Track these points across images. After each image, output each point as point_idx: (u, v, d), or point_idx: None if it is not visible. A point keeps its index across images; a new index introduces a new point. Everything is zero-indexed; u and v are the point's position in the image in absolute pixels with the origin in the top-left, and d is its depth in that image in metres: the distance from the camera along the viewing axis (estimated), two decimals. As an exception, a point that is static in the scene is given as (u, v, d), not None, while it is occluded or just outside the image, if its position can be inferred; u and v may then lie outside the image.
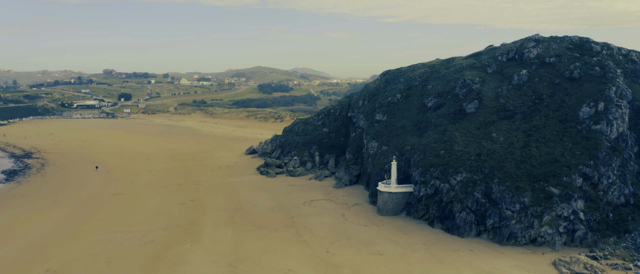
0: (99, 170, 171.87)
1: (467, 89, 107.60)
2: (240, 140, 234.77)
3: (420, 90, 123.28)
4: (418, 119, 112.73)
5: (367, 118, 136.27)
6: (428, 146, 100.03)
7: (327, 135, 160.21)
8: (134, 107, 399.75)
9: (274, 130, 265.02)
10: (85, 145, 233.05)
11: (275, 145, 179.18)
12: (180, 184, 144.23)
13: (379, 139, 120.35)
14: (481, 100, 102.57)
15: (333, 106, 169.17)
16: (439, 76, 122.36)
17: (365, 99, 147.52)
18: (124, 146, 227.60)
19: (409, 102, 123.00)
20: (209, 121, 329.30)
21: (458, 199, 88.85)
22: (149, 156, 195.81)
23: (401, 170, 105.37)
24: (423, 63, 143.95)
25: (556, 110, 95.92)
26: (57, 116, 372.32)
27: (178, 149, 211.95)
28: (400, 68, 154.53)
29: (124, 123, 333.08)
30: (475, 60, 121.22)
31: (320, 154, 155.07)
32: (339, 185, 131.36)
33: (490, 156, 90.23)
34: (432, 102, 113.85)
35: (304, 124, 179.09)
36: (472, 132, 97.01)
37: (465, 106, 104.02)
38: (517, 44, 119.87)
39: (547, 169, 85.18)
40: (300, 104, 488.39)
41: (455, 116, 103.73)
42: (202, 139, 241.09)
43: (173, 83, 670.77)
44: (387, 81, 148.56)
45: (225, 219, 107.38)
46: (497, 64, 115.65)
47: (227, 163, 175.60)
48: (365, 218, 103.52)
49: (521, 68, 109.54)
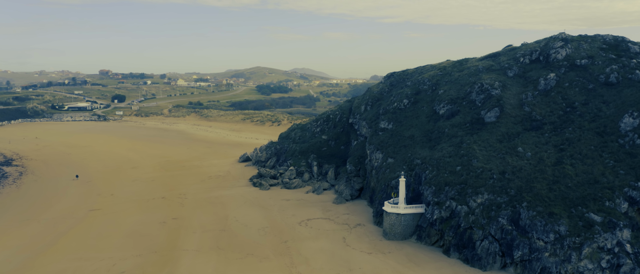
0: (80, 180, 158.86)
1: (486, 94, 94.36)
2: (234, 146, 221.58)
3: (430, 95, 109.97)
4: (429, 128, 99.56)
5: (371, 125, 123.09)
6: (442, 160, 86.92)
7: (326, 143, 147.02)
8: (127, 109, 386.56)
9: (270, 134, 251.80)
10: (71, 151, 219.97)
11: (270, 153, 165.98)
12: (165, 197, 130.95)
13: (384, 150, 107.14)
14: (502, 108, 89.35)
15: (332, 111, 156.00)
16: (451, 79, 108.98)
17: (368, 104, 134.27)
18: (111, 151, 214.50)
19: (417, 108, 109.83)
20: (204, 124, 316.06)
21: (479, 224, 75.69)
22: (135, 164, 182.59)
23: (410, 187, 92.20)
24: (432, 65, 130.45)
25: (592, 120, 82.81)
26: (47, 118, 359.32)
27: (168, 155, 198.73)
28: (407, 70, 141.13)
29: (115, 126, 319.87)
30: (492, 62, 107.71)
31: (318, 163, 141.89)
32: (339, 200, 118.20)
33: (517, 175, 77.09)
34: (444, 109, 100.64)
35: (301, 130, 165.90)
36: (494, 145, 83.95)
37: (484, 115, 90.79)
38: (541, 43, 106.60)
39: (586, 191, 72.03)
40: (299, 105, 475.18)
41: (472, 125, 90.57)
42: (195, 145, 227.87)
43: (170, 84, 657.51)
44: (392, 85, 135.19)
45: (209, 243, 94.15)
46: (519, 67, 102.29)
47: (218, 172, 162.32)
48: (370, 242, 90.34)
49: (548, 71, 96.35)
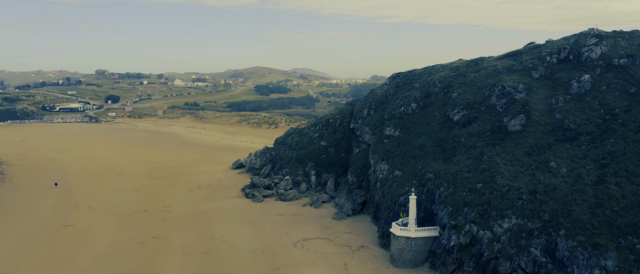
0: (59, 188, 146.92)
1: (508, 99, 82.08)
2: (228, 150, 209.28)
3: (442, 99, 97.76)
4: (442, 137, 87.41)
5: (374, 132, 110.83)
6: (459, 175, 74.82)
7: (325, 150, 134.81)
8: (120, 110, 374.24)
9: (266, 138, 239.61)
10: (55, 156, 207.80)
11: (265, 160, 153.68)
12: (147, 211, 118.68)
13: (390, 161, 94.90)
14: (529, 114, 77.16)
15: (332, 114, 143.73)
16: (466, 81, 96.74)
17: (371, 108, 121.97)
18: (98, 156, 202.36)
19: (427, 113, 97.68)
20: (198, 126, 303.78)
21: (506, 255, 63.54)
22: (120, 171, 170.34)
23: (421, 205, 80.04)
24: (442, 64, 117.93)
25: (638, 130, 70.68)
26: (37, 120, 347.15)
27: (156, 161, 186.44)
28: (413, 70, 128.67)
29: (106, 129, 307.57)
30: (513, 61, 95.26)
31: (316, 173, 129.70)
32: (339, 216, 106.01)
33: (551, 195, 64.99)
34: (459, 115, 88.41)
35: (298, 136, 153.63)
36: (521, 159, 71.90)
37: (507, 122, 78.61)
38: (570, 40, 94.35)
39: (637, 217, 59.96)
40: (298, 106, 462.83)
41: (493, 135, 78.44)
42: (186, 149, 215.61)
43: (166, 84, 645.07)
44: (398, 86, 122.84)
45: (189, 269, 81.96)
46: (546, 67, 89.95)
47: (208, 181, 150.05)
48: (375, 270, 78.13)
49: (581, 72, 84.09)
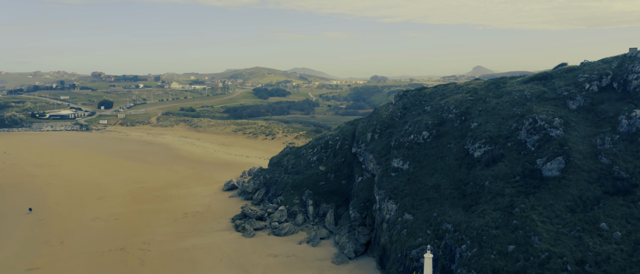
0: (33, 214, 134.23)
1: (541, 135, 68.97)
2: (221, 166, 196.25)
3: (459, 128, 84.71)
4: (460, 177, 74.46)
5: (380, 161, 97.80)
6: (485, 231, 61.96)
7: (324, 176, 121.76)
8: (112, 117, 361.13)
9: (262, 151, 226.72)
10: (37, 172, 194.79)
11: (259, 183, 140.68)
12: (124, 249, 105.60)
13: (398, 200, 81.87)
14: (568, 157, 64.09)
15: (332, 135, 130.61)
16: (487, 108, 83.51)
17: (375, 132, 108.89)
18: (82, 173, 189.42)
19: (442, 145, 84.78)
20: (192, 135, 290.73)
21: None
22: (103, 192, 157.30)
23: (438, 263, 67.04)
24: (456, 85, 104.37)
25: None
26: (25, 128, 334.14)
27: (143, 180, 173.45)
28: (422, 89, 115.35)
29: (96, 138, 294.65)
30: (543, 86, 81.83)
31: (315, 202, 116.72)
32: (340, 259, 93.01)
33: (603, 268, 52.06)
34: (481, 150, 75.39)
35: (294, 157, 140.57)
36: (562, 215, 59.03)
37: (542, 165, 65.57)
38: (612, 64, 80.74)
39: None
40: (297, 112, 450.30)
41: (525, 180, 65.48)
42: (177, 164, 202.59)
43: (163, 87, 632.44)
44: (406, 108, 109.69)
45: None
46: (585, 97, 76.34)
47: (196, 207, 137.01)
48: None
49: (630, 105, 70.55)
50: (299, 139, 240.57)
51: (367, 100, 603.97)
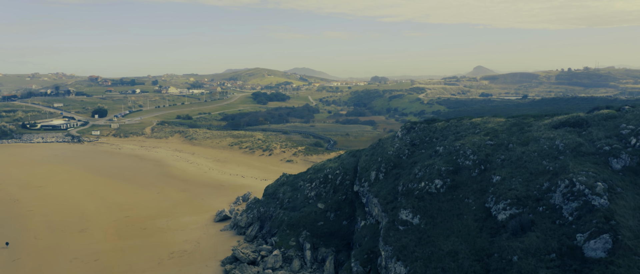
0: (9, 250, 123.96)
1: (581, 202, 57.66)
2: (215, 189, 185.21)
3: (478, 179, 73.53)
4: (482, 245, 63.40)
5: (386, 209, 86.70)
6: (516, 326, 50.91)
7: (323, 215, 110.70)
8: (105, 128, 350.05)
9: (259, 170, 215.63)
10: (21, 195, 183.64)
11: (253, 217, 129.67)
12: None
13: (408, 263, 70.79)
14: (616, 235, 52.85)
15: (332, 168, 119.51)
16: (511, 157, 71.97)
17: (379, 171, 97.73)
18: (68, 197, 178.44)
19: (458, 198, 73.73)
20: (187, 149, 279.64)
21: None
22: (87, 222, 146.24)
23: None
24: (472, 122, 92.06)
25: None
26: (15, 139, 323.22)
27: (131, 206, 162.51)
28: (433, 122, 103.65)
29: (87, 151, 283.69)
30: (578, 136, 69.98)
31: (312, 245, 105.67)
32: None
33: None
34: (506, 213, 64.23)
35: (291, 189, 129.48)
36: (614, 315, 48.05)
37: (583, 242, 54.31)
38: (657, 110, 69.69)
39: None
40: (296, 119, 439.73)
41: (562, 259, 54.42)
42: (168, 186, 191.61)
43: (160, 92, 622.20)
44: (414, 144, 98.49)
45: None
46: (631, 154, 63.82)
47: (184, 244, 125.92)
48: None
49: (687, 167, 59.64)
50: (298, 155, 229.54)
51: (367, 105, 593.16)
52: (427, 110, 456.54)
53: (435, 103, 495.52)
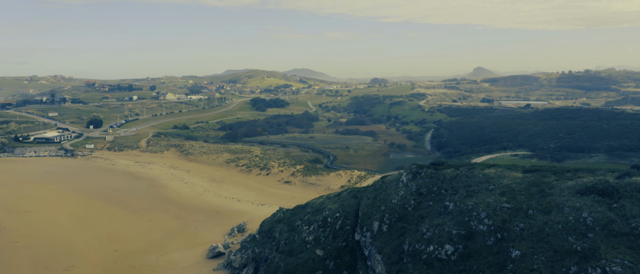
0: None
1: (616, 299, 50.61)
2: (209, 215, 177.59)
3: (495, 250, 66.04)
4: (501, 337, 55.86)
5: (390, 271, 79.10)
6: None
7: (321, 263, 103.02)
8: (99, 140, 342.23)
9: (256, 192, 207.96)
10: (7, 223, 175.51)
11: (247, 258, 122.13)
12: None
13: None
14: None
15: (331, 210, 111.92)
16: (532, 227, 64.18)
17: (383, 221, 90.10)
18: (55, 225, 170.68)
19: (472, 269, 66.24)
20: (182, 166, 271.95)
21: None
22: (73, 258, 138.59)
23: None
24: (485, 173, 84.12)
25: None
26: (7, 153, 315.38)
27: (121, 238, 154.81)
28: (441, 164, 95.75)
29: (80, 167, 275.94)
30: (608, 209, 61.85)
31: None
32: None
33: None
34: (528, 300, 56.93)
35: (288, 229, 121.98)
36: None
37: None
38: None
39: None
40: (295, 129, 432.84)
41: None
42: (162, 211, 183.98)
43: (158, 99, 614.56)
44: (420, 193, 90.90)
45: None
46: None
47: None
48: None
49: None
50: (296, 176, 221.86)
51: (368, 112, 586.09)
52: (428, 118, 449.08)
53: (436, 111, 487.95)
